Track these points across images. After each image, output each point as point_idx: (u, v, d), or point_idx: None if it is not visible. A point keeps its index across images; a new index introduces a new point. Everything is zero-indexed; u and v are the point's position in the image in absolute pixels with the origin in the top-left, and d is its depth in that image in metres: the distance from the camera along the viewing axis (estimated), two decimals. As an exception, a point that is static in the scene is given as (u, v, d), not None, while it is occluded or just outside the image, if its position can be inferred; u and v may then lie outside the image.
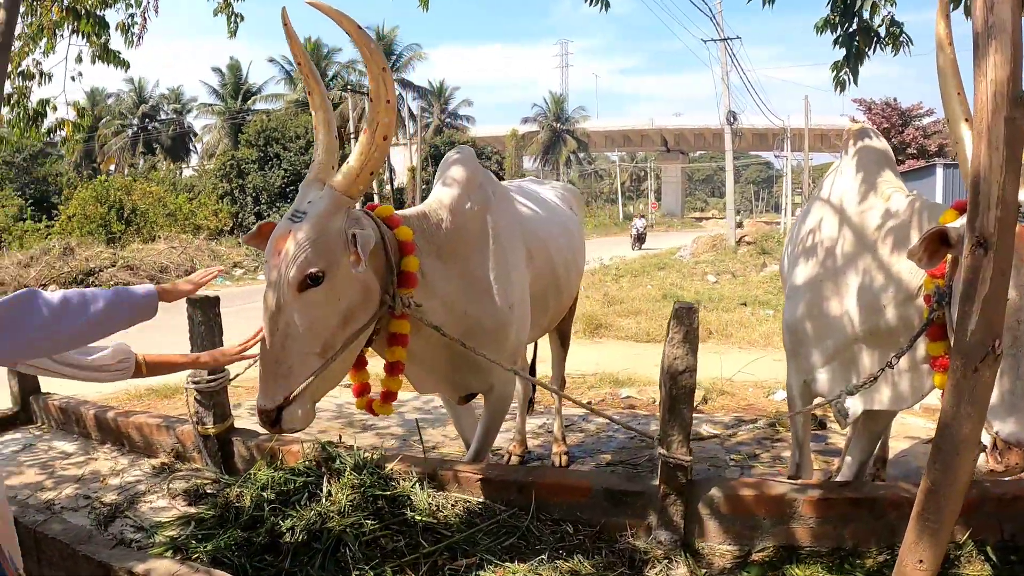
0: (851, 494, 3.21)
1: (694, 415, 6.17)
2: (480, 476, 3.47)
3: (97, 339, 2.17)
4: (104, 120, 55.62)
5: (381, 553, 3.01)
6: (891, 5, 4.48)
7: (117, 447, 4.75)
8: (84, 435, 4.97)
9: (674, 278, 19.19)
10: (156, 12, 5.64)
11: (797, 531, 3.18)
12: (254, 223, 33.93)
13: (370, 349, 3.19)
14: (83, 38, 5.36)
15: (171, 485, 3.98)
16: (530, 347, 5.63)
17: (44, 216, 32.54)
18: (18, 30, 5.30)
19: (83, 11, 5.21)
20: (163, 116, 58.90)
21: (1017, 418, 2.10)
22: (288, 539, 3.10)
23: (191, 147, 60.34)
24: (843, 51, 4.58)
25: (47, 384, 5.48)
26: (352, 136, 41.24)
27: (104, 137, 54.19)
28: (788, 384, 3.76)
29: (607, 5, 5.06)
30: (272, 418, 2.68)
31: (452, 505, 3.36)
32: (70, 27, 5.26)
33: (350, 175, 2.77)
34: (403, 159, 50.40)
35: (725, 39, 29.07)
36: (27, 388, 5.35)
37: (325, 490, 3.38)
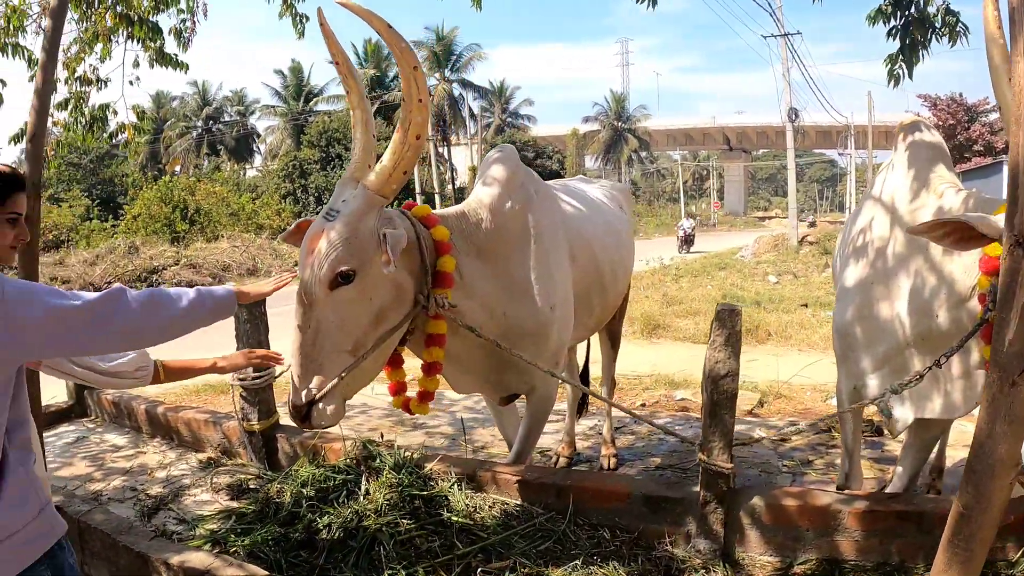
0: (899, 507, 3.08)
1: (748, 419, 6.15)
2: (518, 478, 3.43)
3: (179, 335, 2.19)
4: (169, 122, 57.06)
5: (415, 553, 3.00)
6: None
7: (166, 441, 4.84)
8: (135, 429, 5.07)
9: (734, 278, 18.91)
10: (205, 16, 5.73)
11: (841, 544, 3.07)
12: (314, 223, 34.68)
13: (407, 348, 3.18)
14: (138, 43, 5.46)
15: (215, 480, 4.04)
16: (582, 348, 5.58)
17: (110, 216, 33.51)
18: (74, 36, 5.45)
19: (136, 17, 5.31)
20: (227, 118, 60.14)
21: None
22: (324, 536, 3.11)
23: (254, 148, 61.49)
24: (897, 43, 4.41)
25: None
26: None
27: (169, 139, 55.56)
28: (838, 390, 3.65)
29: (654, 3, 4.98)
30: (302, 413, 2.71)
31: (489, 507, 3.33)
32: (124, 33, 5.36)
33: (383, 174, 2.76)
34: (465, 159, 50.65)
35: (785, 35, 28.53)
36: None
37: (363, 488, 3.39)
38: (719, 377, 2.98)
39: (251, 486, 3.89)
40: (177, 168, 51.50)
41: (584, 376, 5.54)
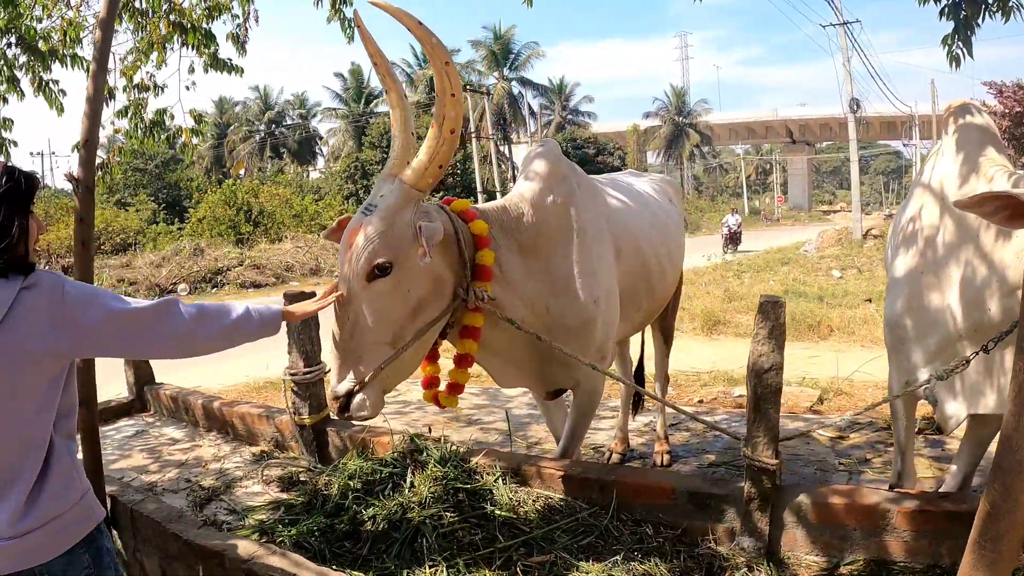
0: (949, 507, 2.97)
1: (808, 415, 6.04)
2: (562, 473, 3.42)
3: (225, 347, 2.32)
4: (232, 127, 58.31)
5: (457, 545, 3.02)
6: None
7: (221, 435, 4.96)
8: (192, 423, 5.21)
9: (797, 273, 18.61)
10: (256, 21, 5.83)
11: (890, 545, 2.98)
12: (378, 222, 35.17)
13: (445, 342, 3.20)
14: (192, 49, 5.60)
15: (266, 472, 4.12)
16: (636, 344, 5.54)
17: (176, 219, 34.44)
18: (129, 45, 5.62)
19: (189, 25, 5.45)
20: (289, 121, 61.26)
21: None
22: (369, 527, 3.16)
23: (317, 150, 62.51)
24: (951, 23, 4.24)
25: (160, 375, 5.77)
26: (474, 135, 41.84)
27: (232, 143, 56.84)
28: (889, 384, 3.55)
29: None
30: (341, 404, 2.76)
31: (533, 501, 3.33)
32: (179, 40, 5.50)
33: (419, 169, 2.79)
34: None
35: (844, 23, 27.94)
36: (142, 378, 5.65)
37: (409, 481, 3.42)
38: (763, 371, 2.93)
39: (301, 478, 3.96)
40: (241, 171, 52.58)
41: (639, 372, 5.51)
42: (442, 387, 3.31)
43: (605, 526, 3.15)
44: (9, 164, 2.05)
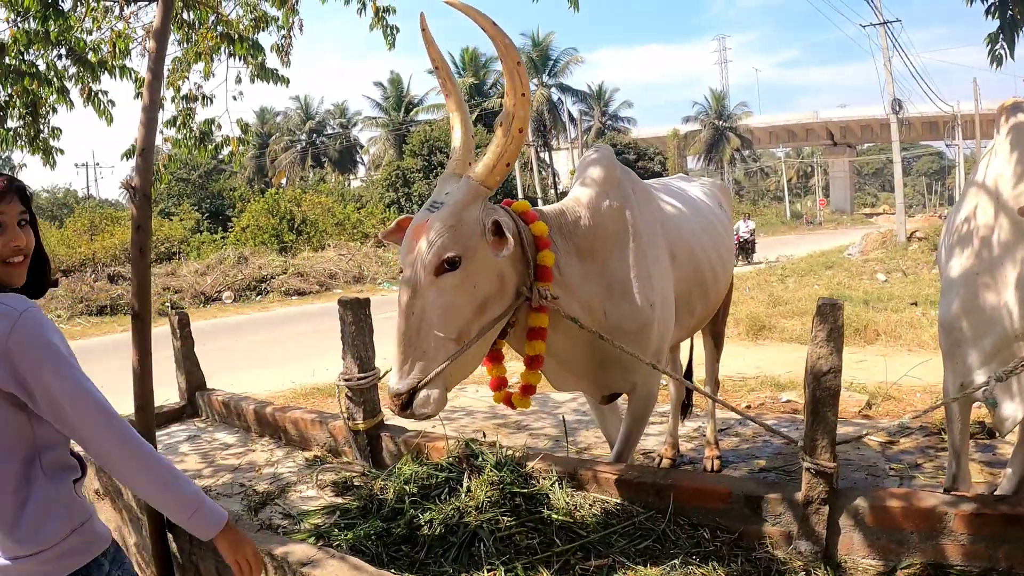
0: (1007, 510, 2.94)
1: (857, 420, 5.98)
2: (619, 477, 3.43)
3: (136, 489, 2.23)
4: (274, 136, 59.14)
5: (515, 549, 3.04)
6: None
7: (274, 440, 5.03)
8: (244, 428, 5.30)
9: (841, 277, 18.50)
10: (301, 31, 5.97)
11: (947, 548, 2.95)
12: (420, 231, 35.48)
13: (506, 343, 3.23)
14: (240, 60, 5.73)
15: (320, 477, 4.18)
16: (685, 349, 5.55)
17: (219, 228, 35.05)
18: (177, 55, 5.75)
19: (236, 36, 5.58)
20: (329, 130, 62.02)
21: None
22: (426, 531, 3.19)
23: (358, 159, 63.17)
24: (996, 21, 4.24)
25: (212, 380, 5.88)
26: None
27: (274, 153, 57.68)
28: (944, 387, 3.52)
29: None
30: (404, 401, 2.72)
31: (589, 505, 3.35)
32: (226, 51, 5.64)
33: (488, 165, 2.84)
34: (566, 163, 50.82)
35: (884, 23, 27.60)
36: (193, 384, 5.76)
37: (465, 486, 3.46)
38: (821, 373, 2.92)
39: (355, 483, 4.01)
40: (283, 181, 53.32)
41: (688, 377, 5.51)
42: (514, 388, 3.34)
43: (662, 530, 3.15)
44: None
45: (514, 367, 3.25)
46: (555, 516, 3.22)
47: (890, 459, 5.11)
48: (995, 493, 3.69)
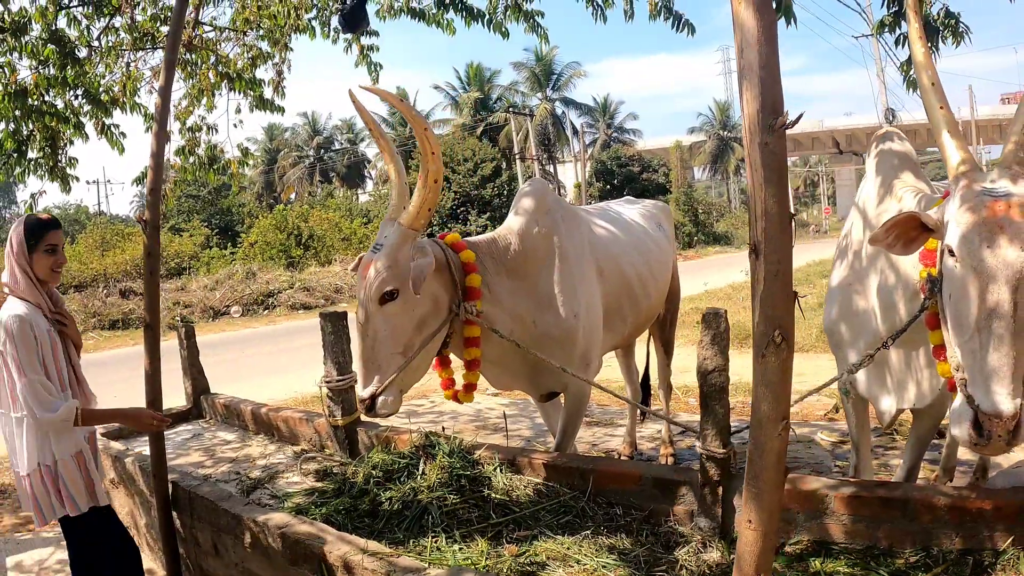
0: (883, 493, 3.31)
1: (819, 423, 6.45)
2: (550, 462, 4.00)
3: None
4: (282, 153, 59.71)
5: (457, 521, 3.62)
6: None
7: (268, 437, 5.63)
8: (242, 427, 5.89)
9: (836, 284, 18.53)
10: (289, 69, 6.63)
11: (831, 527, 3.34)
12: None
13: (449, 351, 3.87)
14: (239, 93, 6.38)
15: (304, 466, 4.78)
16: (640, 355, 6.10)
17: (228, 244, 35.43)
18: (182, 92, 6.41)
19: (235, 74, 6.23)
20: (337, 146, 62.61)
21: (994, 387, 2.33)
22: (386, 507, 3.78)
23: (366, 174, 63.69)
24: (908, 50, 4.57)
25: (215, 385, 6.48)
26: (517, 156, 42.38)
27: (283, 168, 58.17)
28: (839, 384, 3.92)
29: None
30: (368, 405, 3.48)
31: (524, 486, 3.91)
32: (226, 87, 6.29)
33: (412, 213, 3.49)
34: (571, 176, 51.14)
35: (876, 34, 27.96)
36: (198, 389, 6.36)
37: (420, 470, 4.04)
38: (708, 372, 3.46)
39: (333, 471, 4.57)
40: (291, 196, 53.93)
41: (645, 382, 6.05)
42: (459, 387, 4.04)
43: (582, 507, 3.72)
44: None
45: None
46: (494, 495, 3.80)
47: (838, 457, 5.57)
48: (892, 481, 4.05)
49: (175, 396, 6.62)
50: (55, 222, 3.45)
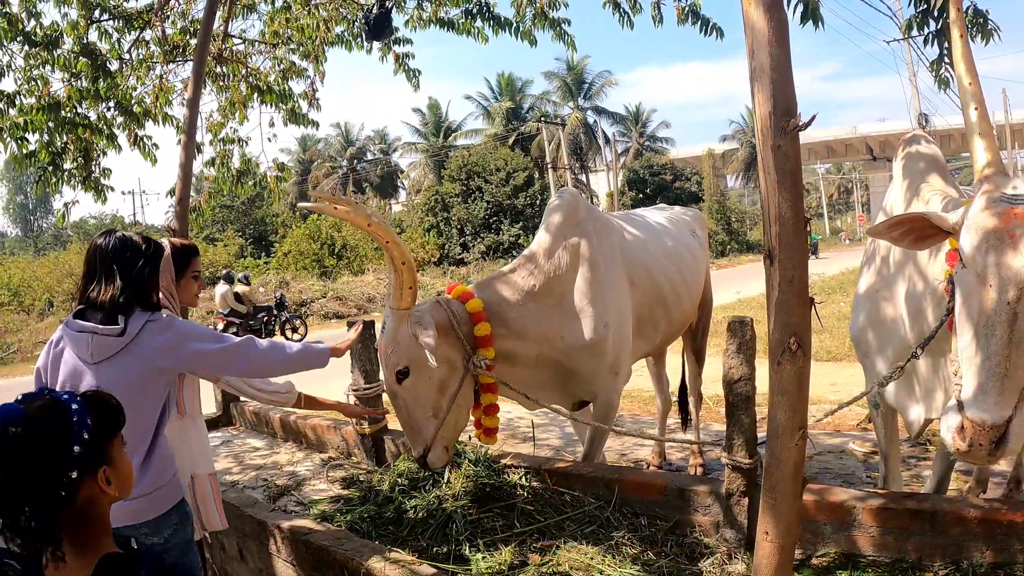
0: (912, 505, 3.27)
1: (852, 432, 6.36)
2: (575, 472, 4.00)
3: (284, 373, 3.25)
4: (315, 163, 60.21)
5: (481, 530, 3.63)
6: None
7: (296, 444, 5.67)
8: (271, 435, 5.95)
9: (871, 293, 18.22)
10: (322, 82, 6.69)
11: (858, 539, 3.32)
12: (459, 254, 36.08)
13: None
14: (271, 107, 6.45)
15: (331, 473, 4.80)
16: (671, 366, 6.05)
17: (262, 253, 35.76)
18: (214, 106, 6.50)
19: (265, 87, 6.30)
20: (370, 156, 63.02)
21: (981, 395, 2.31)
22: (411, 515, 3.80)
23: (399, 184, 64.01)
24: (936, 49, 4.61)
25: (245, 394, 6.57)
26: (549, 165, 42.38)
27: (316, 179, 58.54)
28: (867, 393, 3.93)
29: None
30: (420, 461, 3.67)
31: (549, 496, 3.91)
32: (258, 99, 6.36)
33: (396, 296, 3.53)
34: (604, 185, 51.02)
35: (908, 38, 27.61)
36: (228, 397, 6.43)
37: (446, 478, 4.05)
38: (733, 381, 3.42)
39: (359, 478, 4.61)
40: (325, 206, 54.05)
41: (682, 393, 6.00)
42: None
43: (607, 517, 3.71)
44: (150, 237, 2.98)
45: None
46: (518, 504, 3.80)
47: (870, 468, 5.46)
48: (922, 492, 4.02)
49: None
50: (196, 247, 3.46)
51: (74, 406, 1.67)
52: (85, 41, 5.83)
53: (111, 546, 1.70)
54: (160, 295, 2.97)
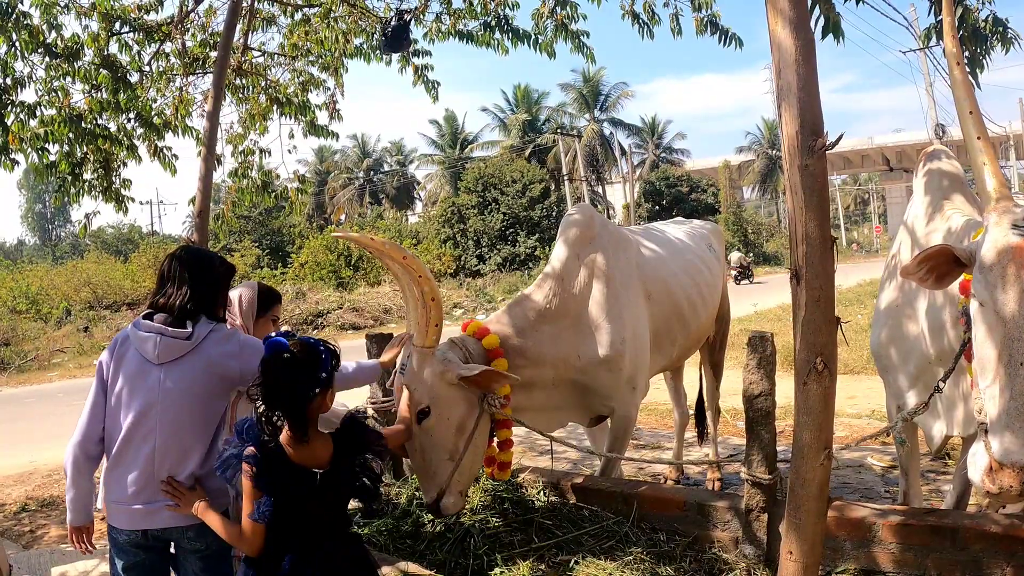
0: (932, 521, 3.25)
1: (872, 446, 6.31)
2: (593, 487, 3.99)
3: (343, 389, 3.14)
4: (332, 174, 60.46)
5: (499, 544, 3.62)
6: (989, 3, 4.49)
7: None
8: (289, 446, 5.94)
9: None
10: (343, 94, 6.71)
11: (878, 555, 3.29)
12: (475, 266, 35.97)
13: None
14: (291, 119, 6.50)
15: (348, 486, 4.78)
16: (688, 379, 6.03)
17: (279, 264, 35.84)
18: (234, 117, 6.55)
19: (284, 99, 6.34)
20: (386, 168, 63.20)
21: (1008, 437, 2.20)
22: (428, 529, 3.79)
23: (415, 195, 64.18)
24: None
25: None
26: (566, 177, 42.43)
27: (333, 190, 58.80)
28: (887, 408, 3.91)
29: None
30: (433, 508, 3.48)
31: (567, 510, 3.90)
32: (278, 111, 6.41)
33: (422, 333, 3.47)
34: (620, 197, 50.99)
35: (925, 48, 27.50)
36: (249, 408, 6.43)
37: (464, 493, 4.03)
38: (753, 396, 3.42)
39: (377, 492, 4.61)
40: (341, 217, 54.46)
41: (699, 407, 5.98)
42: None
43: (625, 532, 3.69)
44: (225, 259, 3.22)
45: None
46: (536, 518, 3.79)
47: (889, 483, 5.43)
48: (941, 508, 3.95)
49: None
50: (279, 295, 3.77)
51: (321, 347, 2.57)
52: (106, 53, 5.89)
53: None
54: (229, 318, 3.20)
